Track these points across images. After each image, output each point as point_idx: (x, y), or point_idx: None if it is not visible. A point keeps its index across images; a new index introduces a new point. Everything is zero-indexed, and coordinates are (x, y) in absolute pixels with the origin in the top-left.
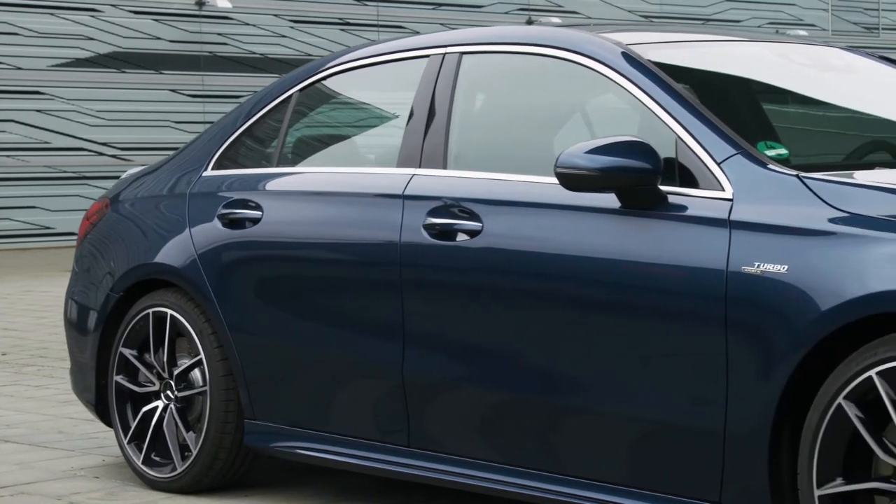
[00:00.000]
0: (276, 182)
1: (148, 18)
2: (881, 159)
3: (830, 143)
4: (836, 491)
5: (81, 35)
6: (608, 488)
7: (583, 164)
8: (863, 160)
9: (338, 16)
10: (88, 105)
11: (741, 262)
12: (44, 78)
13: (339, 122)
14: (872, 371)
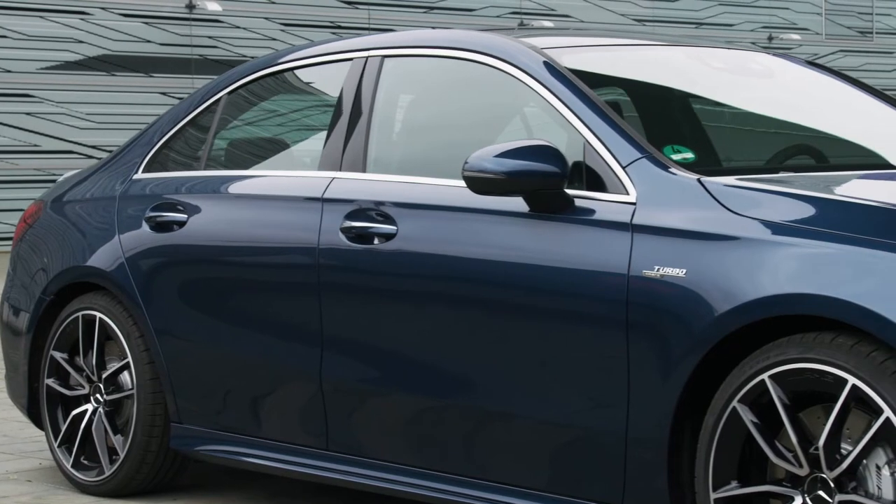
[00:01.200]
0: (202, 185)
1: (138, 21)
2: (803, 163)
3: (744, 147)
4: (731, 494)
5: (71, 38)
6: (519, 492)
7: (490, 167)
8: (769, 163)
9: (329, 19)
10: (78, 108)
11: (642, 265)
12: (33, 81)
13: (266, 126)
14: (765, 374)
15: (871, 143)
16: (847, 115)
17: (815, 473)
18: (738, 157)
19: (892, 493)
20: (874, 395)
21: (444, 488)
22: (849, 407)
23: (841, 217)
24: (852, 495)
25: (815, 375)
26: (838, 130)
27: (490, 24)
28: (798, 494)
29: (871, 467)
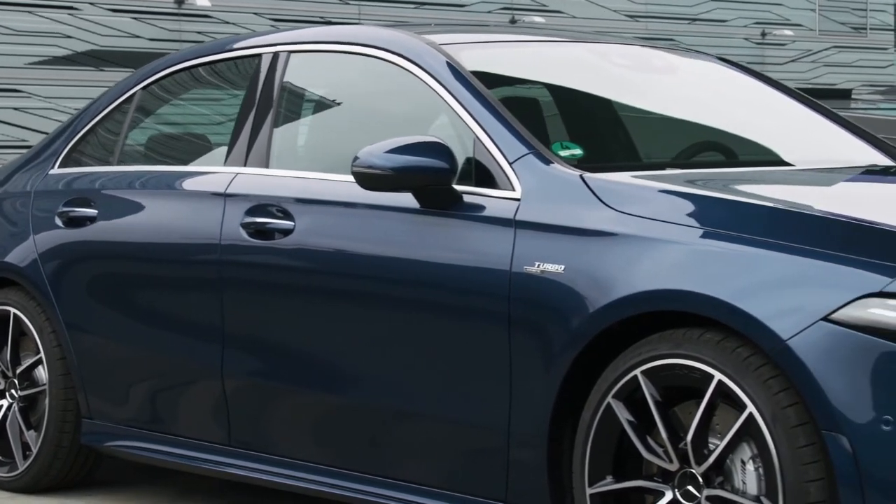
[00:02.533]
0: (113, 181)
1: (127, 17)
2: (698, 161)
3: (640, 144)
4: (606, 489)
5: (59, 33)
6: (413, 489)
7: (378, 163)
8: (662, 160)
9: (319, 14)
10: (66, 103)
11: (523, 262)
12: (21, 76)
13: (177, 121)
14: (637, 370)
15: (771, 141)
16: (750, 111)
17: (684, 469)
18: (632, 154)
19: (756, 488)
20: (738, 390)
21: (345, 485)
22: (716, 402)
23: (717, 214)
24: (719, 490)
25: (684, 371)
26: (737, 127)
27: (480, 20)
28: (668, 489)
29: (736, 462)
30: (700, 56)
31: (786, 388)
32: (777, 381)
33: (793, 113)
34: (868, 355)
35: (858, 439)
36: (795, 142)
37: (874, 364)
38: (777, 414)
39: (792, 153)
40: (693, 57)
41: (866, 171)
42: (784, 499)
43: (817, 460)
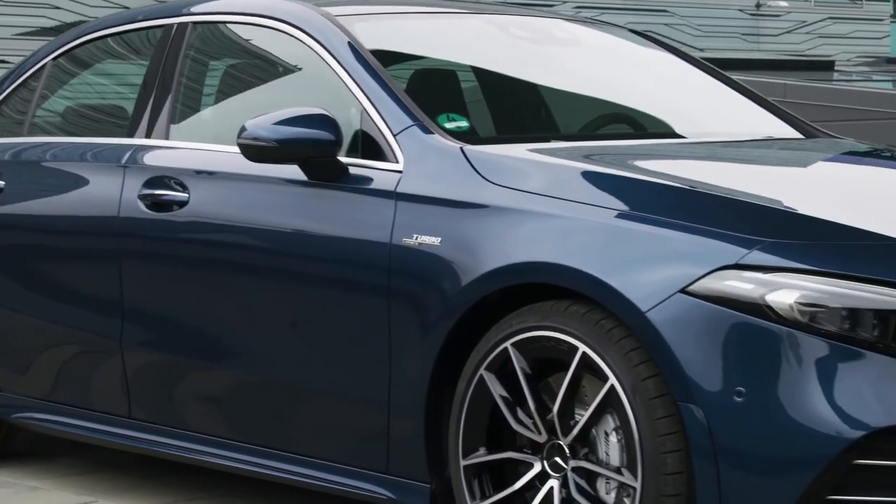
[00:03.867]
0: (21, 152)
1: None
2: (602, 133)
3: (532, 116)
4: (479, 461)
5: (47, 3)
6: (298, 461)
7: (264, 135)
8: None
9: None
10: None
11: (403, 234)
12: (9, 47)
13: (86, 92)
14: (508, 342)
15: (668, 114)
16: (652, 84)
17: (552, 440)
18: (525, 126)
19: (619, 459)
20: (601, 362)
21: (242, 458)
22: (582, 374)
23: (587, 187)
24: (583, 462)
25: (551, 343)
26: (635, 101)
27: None
28: (537, 461)
29: (600, 434)
30: (610, 28)
31: (646, 361)
32: (638, 354)
33: (700, 86)
34: (723, 327)
35: (712, 410)
36: (695, 115)
37: (728, 336)
38: (637, 386)
39: (687, 126)
40: (601, 29)
41: (758, 143)
42: (642, 470)
43: (675, 432)
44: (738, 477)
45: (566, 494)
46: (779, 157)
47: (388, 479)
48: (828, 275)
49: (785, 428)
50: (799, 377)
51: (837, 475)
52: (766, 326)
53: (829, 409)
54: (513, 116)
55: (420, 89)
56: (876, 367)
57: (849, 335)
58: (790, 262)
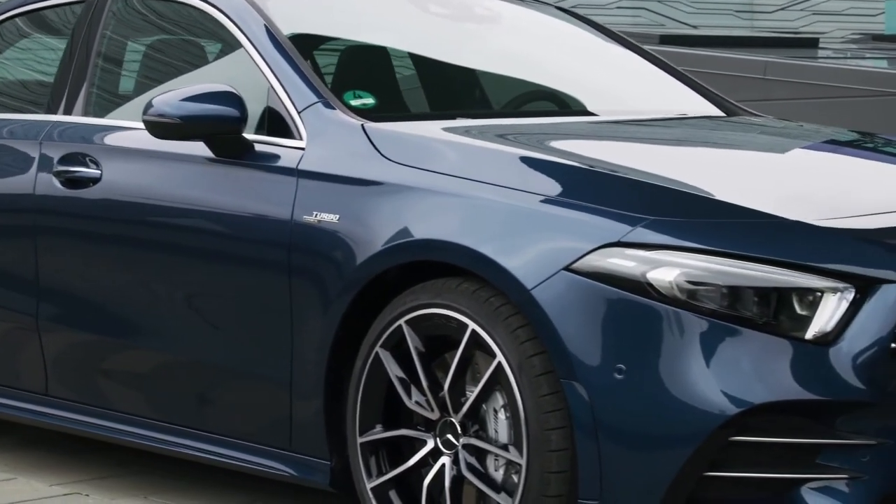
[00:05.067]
0: None
1: None
2: (513, 111)
3: (446, 93)
4: (376, 438)
5: None
6: (204, 437)
7: (169, 112)
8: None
9: None
10: None
11: (303, 211)
12: None
13: (8, 68)
14: (402, 320)
15: (582, 91)
16: (571, 62)
17: (445, 417)
18: (436, 104)
19: (507, 436)
20: (489, 340)
21: (157, 436)
22: (473, 352)
23: (480, 165)
24: (473, 439)
25: (443, 321)
26: (553, 78)
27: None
28: (431, 438)
29: (490, 411)
30: (533, 5)
31: (532, 338)
32: (524, 331)
33: (622, 63)
34: (604, 304)
35: (593, 387)
36: (612, 92)
37: (610, 313)
38: (523, 363)
39: (601, 104)
40: (525, 6)
41: (669, 121)
42: (528, 447)
43: (559, 409)
44: (618, 453)
45: (457, 471)
46: (683, 135)
47: (290, 456)
48: (710, 252)
49: (663, 405)
50: (678, 354)
51: (714, 452)
52: (646, 304)
53: (706, 386)
54: (426, 93)
55: (350, 68)
56: (755, 344)
57: (729, 313)
58: (672, 240)
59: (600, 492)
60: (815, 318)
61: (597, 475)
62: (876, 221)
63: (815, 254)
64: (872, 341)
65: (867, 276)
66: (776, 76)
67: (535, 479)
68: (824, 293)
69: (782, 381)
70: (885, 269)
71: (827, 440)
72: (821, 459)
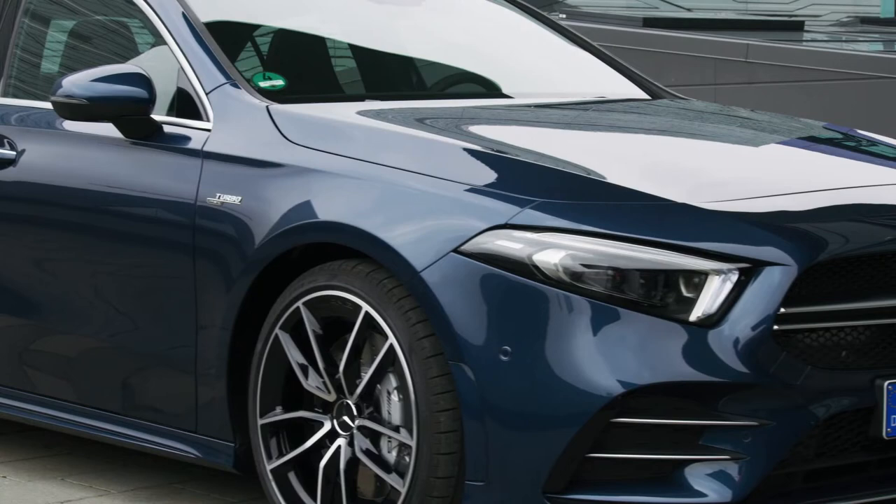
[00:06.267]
0: None
1: None
2: (427, 93)
3: (361, 76)
4: (276, 420)
5: None
6: (106, 416)
7: (77, 92)
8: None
9: None
10: None
11: (206, 193)
12: None
13: None
14: (300, 302)
15: (500, 74)
16: (493, 44)
17: (341, 399)
18: (350, 86)
19: (400, 418)
20: (382, 321)
21: (77, 420)
22: (369, 334)
23: (378, 147)
24: (367, 421)
25: (338, 302)
26: (474, 61)
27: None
28: (328, 420)
29: (383, 393)
30: None
31: (423, 320)
32: (415, 313)
33: (547, 46)
34: (491, 287)
35: (480, 369)
36: (532, 75)
37: (497, 295)
38: (413, 345)
39: (519, 86)
40: None
41: (583, 104)
42: (418, 428)
43: (449, 391)
44: (504, 435)
45: (352, 453)
46: (592, 119)
47: (196, 438)
48: (596, 235)
49: (548, 386)
50: (563, 336)
51: (597, 433)
52: (532, 286)
53: (589, 368)
54: (330, 76)
55: (268, 51)
56: (639, 326)
57: (614, 295)
58: (560, 222)
59: (486, 473)
60: (699, 301)
61: (483, 457)
62: (764, 204)
63: (700, 236)
64: (756, 323)
65: (751, 258)
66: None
67: (424, 461)
68: (709, 275)
69: (665, 363)
70: (770, 252)
71: (710, 422)
72: (704, 441)
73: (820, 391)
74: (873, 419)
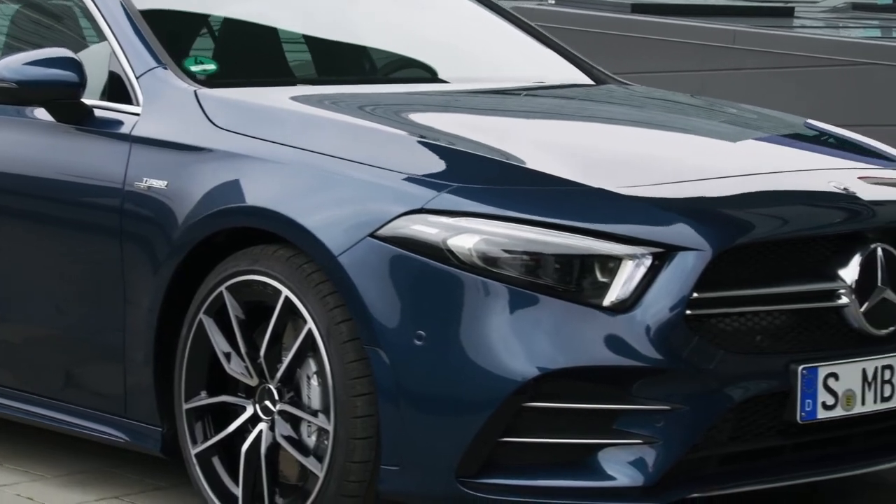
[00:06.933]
0: None
1: None
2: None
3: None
4: (200, 404)
5: None
6: (41, 401)
7: (7, 76)
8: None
9: None
10: None
11: (134, 177)
12: None
13: None
14: (223, 286)
15: (438, 59)
16: (434, 29)
17: (263, 384)
18: (285, 71)
19: (319, 403)
20: (301, 306)
21: (9, 403)
22: (287, 318)
23: (304, 132)
24: (288, 405)
25: (260, 287)
26: (414, 46)
27: None
28: (250, 404)
29: (303, 377)
30: None
31: (341, 305)
32: (334, 298)
33: (490, 31)
34: (407, 271)
35: (395, 354)
36: (472, 61)
37: (412, 280)
38: (331, 329)
39: (457, 72)
40: None
41: (520, 90)
42: (335, 413)
43: (366, 375)
44: (418, 419)
45: (274, 438)
46: (524, 104)
47: (125, 422)
48: (510, 220)
49: (461, 371)
50: (476, 321)
51: (509, 418)
52: (446, 271)
53: (502, 353)
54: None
55: (207, 36)
56: (553, 311)
57: (528, 280)
58: (475, 207)
59: (401, 457)
60: (612, 285)
61: (398, 441)
62: (683, 189)
63: (615, 221)
64: (668, 308)
65: (665, 242)
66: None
67: (341, 445)
68: (622, 260)
69: (578, 347)
70: (684, 236)
71: (623, 406)
72: (617, 425)
73: (734, 376)
74: (788, 404)
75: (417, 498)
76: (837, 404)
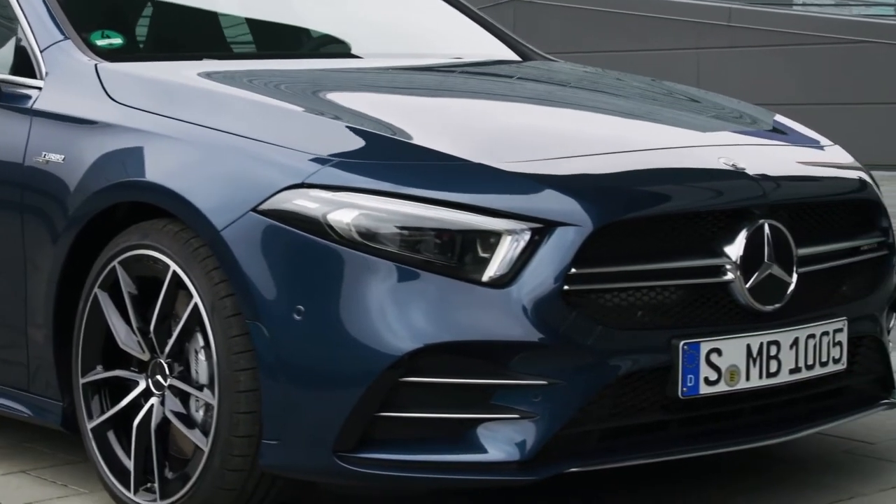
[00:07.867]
0: None
1: None
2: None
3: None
4: (96, 378)
5: None
6: None
7: None
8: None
9: None
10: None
11: (34, 152)
12: None
13: None
14: (116, 261)
15: (352, 34)
16: (357, 4)
17: (155, 358)
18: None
19: (206, 377)
20: (188, 280)
21: None
22: (177, 293)
23: (196, 106)
24: (177, 380)
25: (150, 262)
26: (329, 21)
27: None
28: (143, 379)
29: (191, 352)
30: None
31: (225, 280)
32: (218, 273)
33: (416, 7)
34: (287, 246)
35: (275, 328)
36: (390, 36)
37: (291, 255)
38: (216, 304)
39: (371, 47)
40: None
41: (433, 66)
42: (219, 387)
43: (249, 350)
44: (297, 394)
45: (164, 412)
46: (428, 81)
47: (27, 396)
48: (390, 194)
49: (338, 346)
50: (354, 296)
51: (385, 392)
52: (326, 245)
53: (378, 327)
54: (187, 35)
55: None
56: (431, 286)
57: (407, 255)
58: (355, 181)
59: (281, 432)
60: (491, 261)
61: (278, 416)
62: (567, 165)
63: (495, 196)
64: (546, 283)
65: (544, 218)
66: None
67: (225, 420)
68: (502, 235)
69: (456, 322)
70: (564, 212)
71: (500, 381)
72: (494, 400)
73: (614, 351)
74: (669, 379)
75: (297, 472)
76: (721, 380)
